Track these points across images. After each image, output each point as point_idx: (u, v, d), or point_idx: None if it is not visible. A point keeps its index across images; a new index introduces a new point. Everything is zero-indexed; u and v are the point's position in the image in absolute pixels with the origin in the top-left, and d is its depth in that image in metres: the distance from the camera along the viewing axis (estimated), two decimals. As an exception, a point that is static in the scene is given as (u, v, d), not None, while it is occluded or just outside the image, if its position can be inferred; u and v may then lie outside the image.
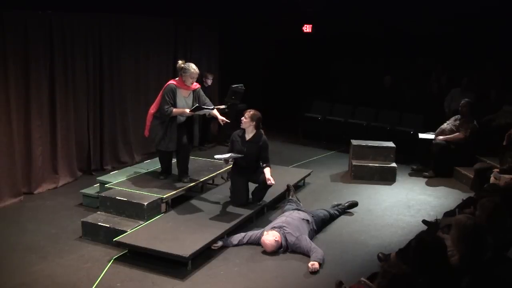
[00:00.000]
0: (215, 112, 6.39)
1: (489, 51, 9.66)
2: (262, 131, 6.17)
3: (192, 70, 6.22)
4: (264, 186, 6.12)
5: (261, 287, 4.57)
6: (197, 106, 6.22)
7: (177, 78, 6.33)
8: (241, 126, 6.12)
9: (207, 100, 6.47)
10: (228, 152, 6.09)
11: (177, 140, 6.26)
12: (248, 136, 6.10)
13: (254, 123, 6.05)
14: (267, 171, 6.01)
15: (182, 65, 6.24)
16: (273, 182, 5.95)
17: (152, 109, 6.32)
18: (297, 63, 11.85)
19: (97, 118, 7.99)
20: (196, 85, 6.39)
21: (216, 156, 6.03)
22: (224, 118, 6.37)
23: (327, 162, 9.06)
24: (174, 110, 6.15)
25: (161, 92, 6.26)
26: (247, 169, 6.13)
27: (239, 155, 5.96)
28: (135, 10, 8.41)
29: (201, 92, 6.45)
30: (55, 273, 4.84)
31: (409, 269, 3.12)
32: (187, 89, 6.29)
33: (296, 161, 8.94)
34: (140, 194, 5.90)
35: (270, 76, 11.99)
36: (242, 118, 6.11)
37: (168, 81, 6.37)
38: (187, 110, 6.20)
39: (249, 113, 6.07)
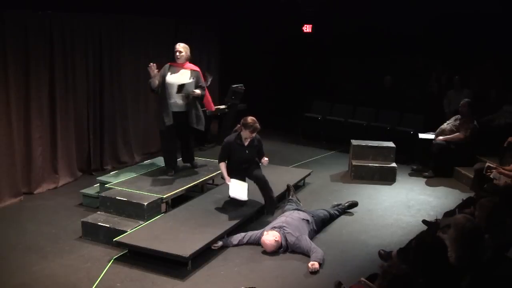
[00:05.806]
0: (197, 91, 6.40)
1: (489, 51, 9.65)
2: None
3: (176, 46, 6.48)
4: (263, 185, 6.13)
5: (261, 287, 4.57)
6: (179, 85, 6.23)
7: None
8: (249, 138, 6.03)
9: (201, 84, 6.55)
10: (221, 158, 6.10)
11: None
12: (246, 141, 6.06)
13: None
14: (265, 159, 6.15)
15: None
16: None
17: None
18: (297, 63, 11.85)
19: (97, 118, 7.99)
20: (194, 67, 6.52)
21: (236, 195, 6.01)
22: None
23: (327, 162, 9.06)
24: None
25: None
26: (247, 169, 6.12)
27: (245, 186, 6.04)
28: (135, 10, 8.41)
29: (199, 78, 6.52)
30: (55, 273, 4.84)
31: (409, 269, 3.12)
32: (177, 66, 6.42)
33: (296, 161, 8.94)
34: (140, 194, 5.90)
35: (270, 76, 11.99)
36: (248, 135, 5.95)
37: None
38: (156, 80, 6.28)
39: (254, 123, 5.93)
